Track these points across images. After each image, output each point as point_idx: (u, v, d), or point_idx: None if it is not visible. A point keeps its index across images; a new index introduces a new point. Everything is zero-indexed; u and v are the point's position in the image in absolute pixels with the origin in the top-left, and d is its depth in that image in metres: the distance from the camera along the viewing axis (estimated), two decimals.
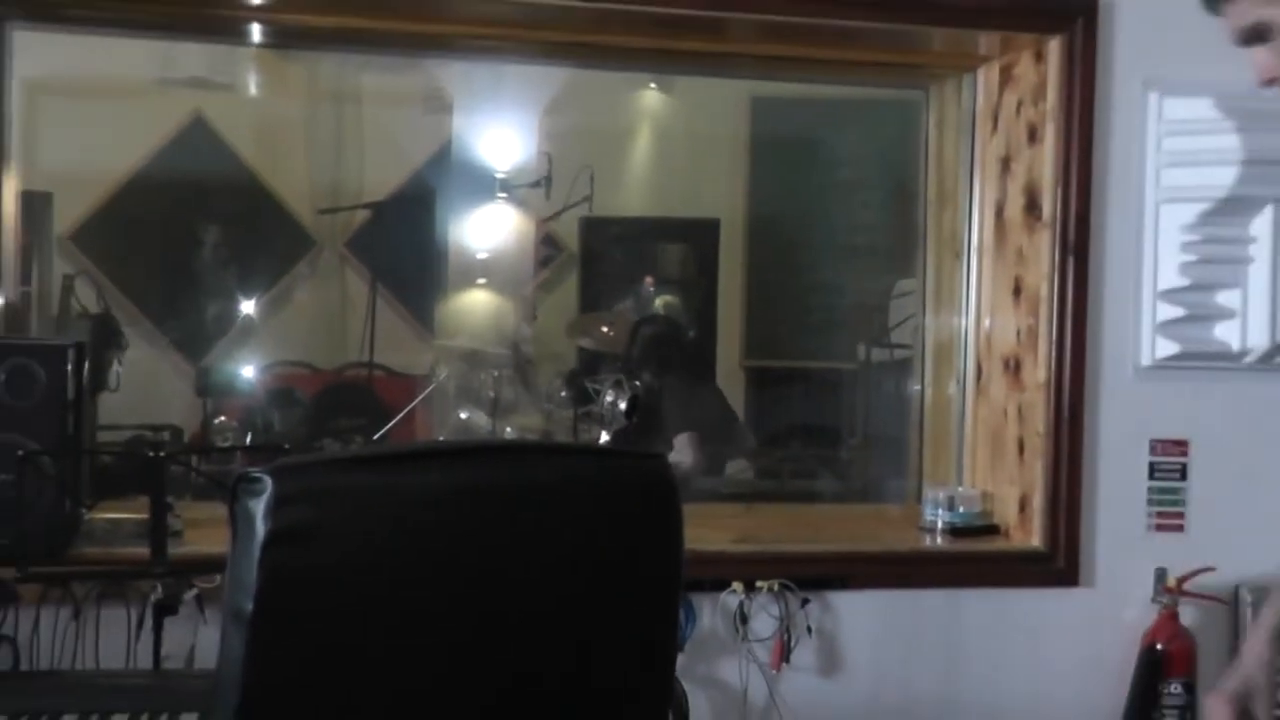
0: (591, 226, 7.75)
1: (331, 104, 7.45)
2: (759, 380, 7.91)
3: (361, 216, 7.51)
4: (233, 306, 7.32)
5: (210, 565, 3.16)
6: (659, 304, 7.47)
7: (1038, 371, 4.01)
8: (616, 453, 3.05)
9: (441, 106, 7.50)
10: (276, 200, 7.51)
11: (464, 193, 7.54)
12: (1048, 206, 3.98)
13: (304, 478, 2.00)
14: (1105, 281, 3.99)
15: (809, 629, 3.83)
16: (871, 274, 7.03)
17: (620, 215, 7.85)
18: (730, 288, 7.98)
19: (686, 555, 2.26)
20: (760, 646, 3.80)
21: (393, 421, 6.20)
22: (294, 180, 7.51)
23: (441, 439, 6.26)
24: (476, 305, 7.65)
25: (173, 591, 3.13)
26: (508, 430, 6.07)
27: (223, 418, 6.17)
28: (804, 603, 3.82)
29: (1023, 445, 4.08)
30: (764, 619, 3.80)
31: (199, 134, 7.33)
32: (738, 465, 6.45)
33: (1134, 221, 3.99)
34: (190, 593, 3.22)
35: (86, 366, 3.52)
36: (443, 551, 2.06)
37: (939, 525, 4.13)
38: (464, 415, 6.33)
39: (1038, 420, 4.00)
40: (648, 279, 7.64)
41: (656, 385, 5.96)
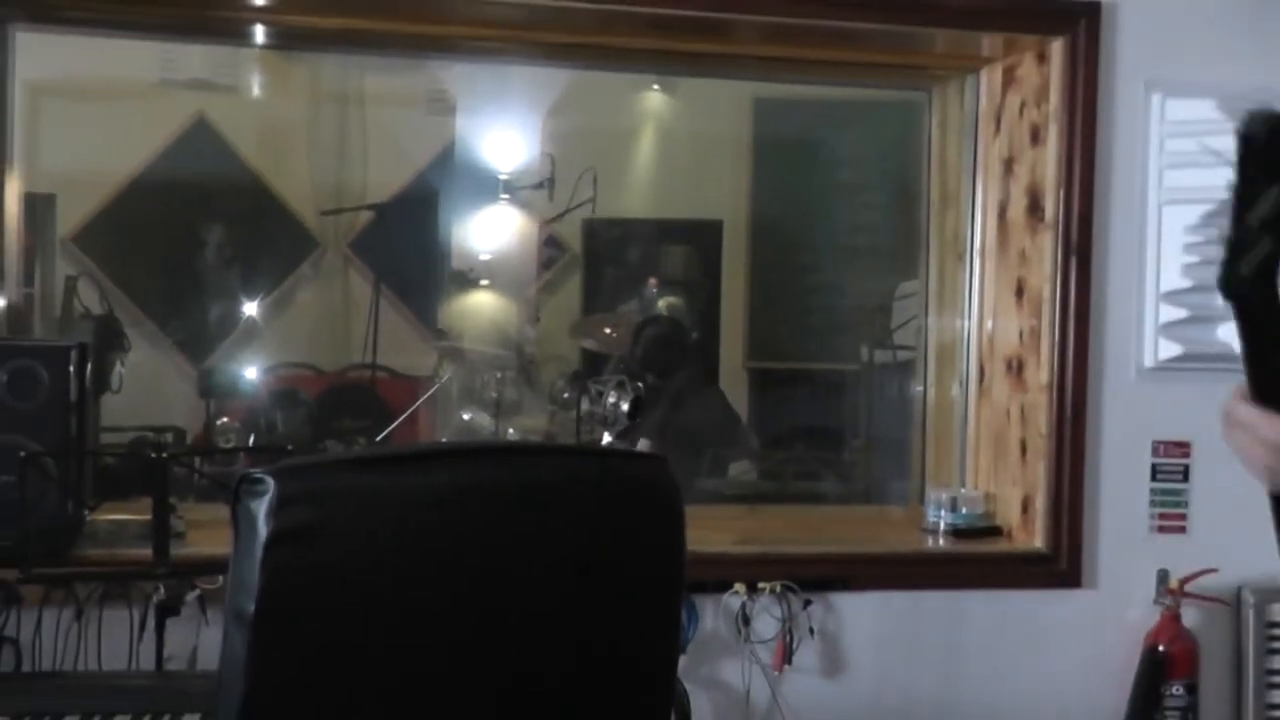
0: (594, 228, 7.75)
1: (334, 105, 7.45)
2: (762, 382, 7.90)
3: (365, 218, 7.50)
4: (236, 308, 7.32)
5: (213, 566, 3.16)
6: (662, 305, 7.46)
7: (1040, 373, 4.01)
8: (618, 453, 3.06)
9: (444, 108, 7.50)
10: (279, 201, 7.51)
11: (467, 194, 7.54)
12: (1050, 208, 3.98)
13: (306, 479, 2.00)
14: (1108, 283, 3.99)
15: (811, 630, 3.83)
16: (874, 275, 7.01)
17: (623, 217, 7.84)
18: (733, 289, 7.98)
19: (688, 556, 2.26)
20: (762, 648, 3.80)
21: (396, 423, 6.20)
22: (297, 181, 7.51)
23: (444, 440, 6.26)
24: (480, 307, 7.64)
25: (175, 592, 3.14)
26: (510, 431, 6.07)
27: (225, 419, 6.16)
28: (806, 604, 3.82)
29: (1025, 446, 4.08)
30: (766, 620, 3.80)
31: (202, 135, 7.33)
32: (740, 467, 6.44)
33: (1136, 223, 3.99)
34: (193, 594, 3.23)
35: (89, 368, 3.52)
36: (445, 552, 2.06)
37: (941, 526, 4.13)
38: (467, 416, 6.33)
39: (1040, 421, 4.00)
40: (651, 281, 7.63)
41: (659, 386, 5.96)
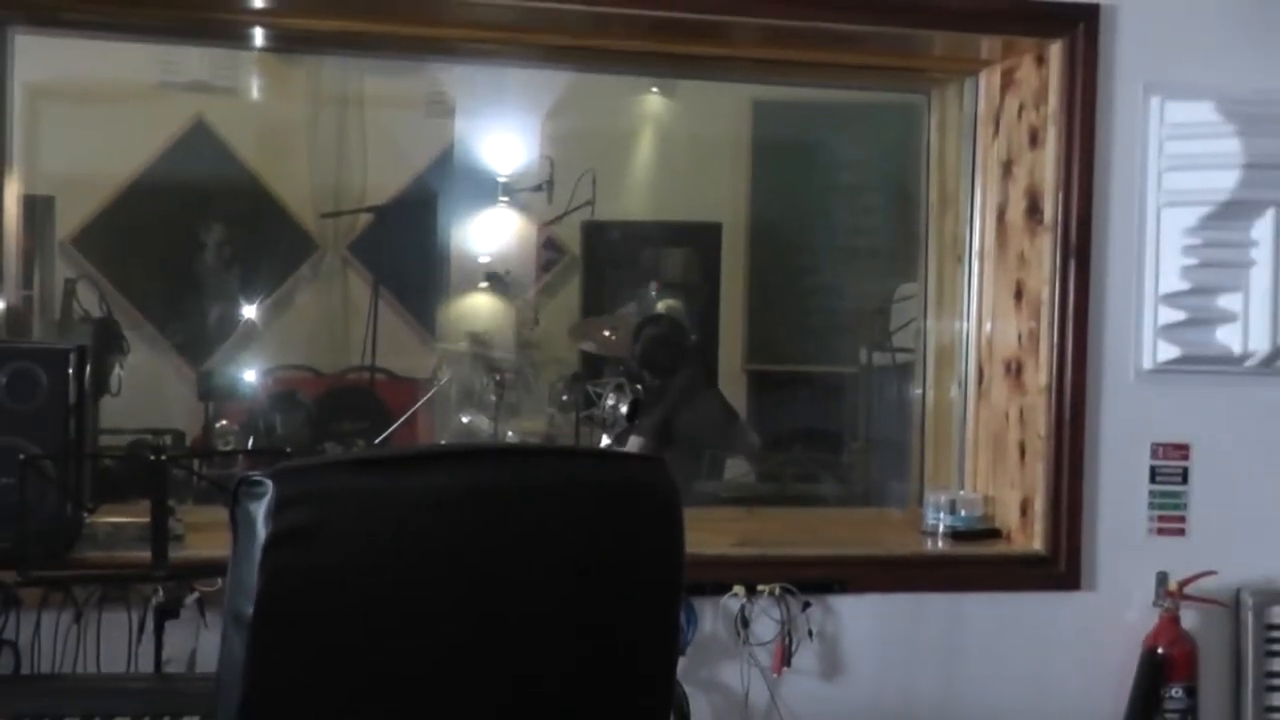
0: (594, 230, 7.75)
1: (333, 108, 7.45)
2: (761, 384, 7.91)
3: (364, 220, 7.51)
4: (235, 310, 7.32)
5: (211, 569, 3.16)
6: (661, 307, 7.46)
7: (1039, 375, 4.01)
8: (617, 455, 3.06)
9: (444, 110, 7.51)
10: (278, 204, 7.51)
11: (466, 196, 7.55)
12: (1049, 210, 3.98)
13: (305, 481, 2.00)
14: (1106, 285, 3.99)
15: (810, 632, 3.83)
16: (873, 278, 7.02)
17: (622, 219, 7.85)
18: (732, 291, 7.98)
19: (687, 558, 2.26)
20: (761, 650, 3.80)
21: (395, 425, 6.20)
22: (296, 184, 7.52)
23: (443, 442, 6.26)
24: (479, 309, 7.64)
25: (174, 595, 3.13)
26: (509, 433, 6.07)
27: (224, 421, 6.16)
28: (805, 606, 3.82)
29: (1024, 449, 4.08)
30: (765, 622, 3.80)
31: (201, 138, 7.33)
32: (738, 466, 6.45)
33: (1135, 225, 3.99)
34: (191, 596, 3.22)
35: (88, 370, 3.52)
36: (444, 554, 2.06)
37: (940, 529, 4.13)
38: (466, 419, 6.34)
39: (1039, 424, 4.00)
40: (653, 284, 7.64)
41: (658, 387, 5.96)
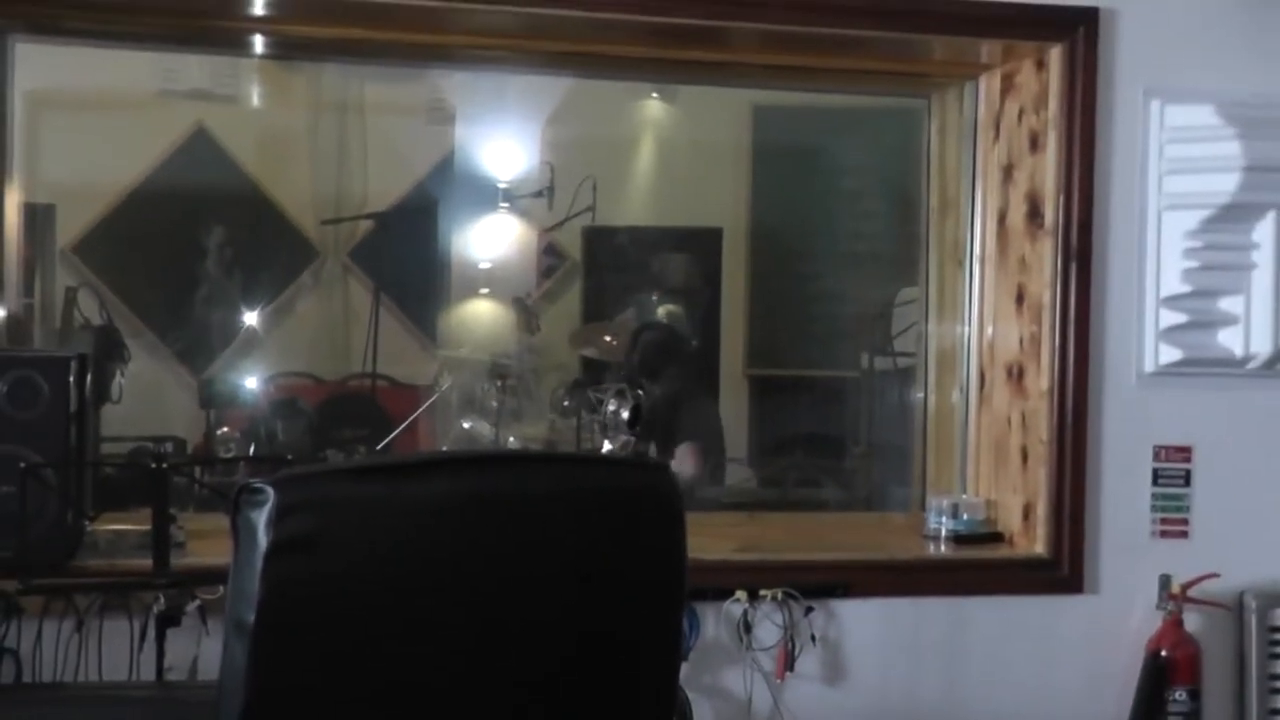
0: (594, 236, 7.75)
1: (334, 115, 7.45)
2: (762, 389, 7.90)
3: (364, 227, 7.50)
4: (236, 317, 7.32)
5: (213, 576, 3.15)
6: (662, 313, 7.46)
7: (1041, 379, 4.00)
8: (619, 461, 3.06)
9: (444, 117, 7.51)
10: (279, 211, 7.51)
11: (467, 203, 7.54)
12: (1050, 214, 3.98)
13: (306, 488, 1.99)
14: (1108, 288, 3.99)
15: (813, 637, 3.82)
16: (874, 282, 7.01)
17: (623, 225, 7.84)
18: (733, 297, 7.98)
19: (690, 564, 2.25)
20: (764, 655, 3.80)
21: (396, 432, 6.21)
22: (297, 191, 7.51)
23: (445, 449, 6.26)
24: (480, 315, 7.64)
25: (175, 603, 3.13)
26: (511, 440, 6.07)
27: (226, 429, 6.15)
28: (808, 611, 3.82)
29: (1026, 453, 4.07)
30: (768, 627, 3.80)
31: (201, 145, 7.33)
32: (739, 472, 6.44)
33: (1136, 228, 3.99)
34: (193, 604, 3.22)
35: (89, 378, 3.53)
36: (445, 562, 2.06)
37: (943, 533, 4.13)
38: (467, 425, 6.33)
39: (1041, 428, 4.00)
40: (655, 294, 7.63)
41: (657, 391, 5.95)
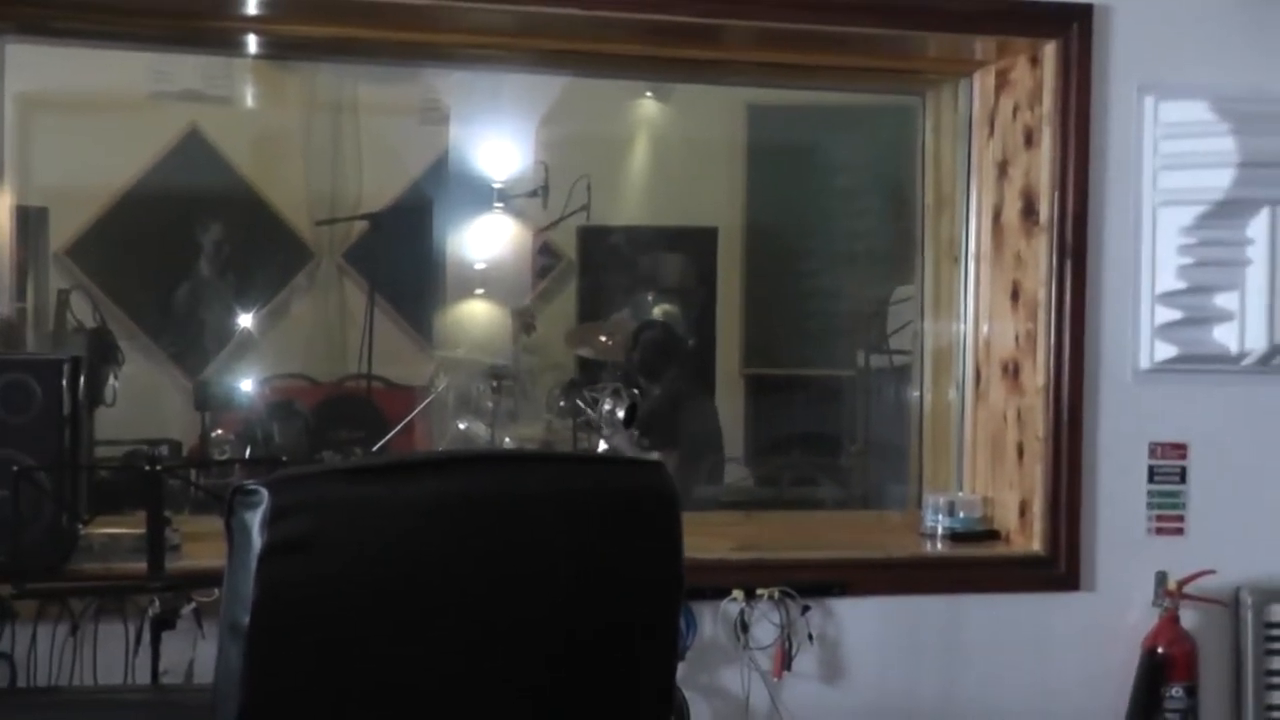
0: (589, 236, 7.74)
1: (328, 115, 7.44)
2: (758, 388, 7.90)
3: (359, 228, 7.49)
4: (230, 319, 7.31)
5: (208, 579, 3.15)
6: (657, 312, 7.46)
7: (1037, 376, 4.00)
8: (615, 460, 3.05)
9: (438, 117, 7.50)
10: (273, 212, 7.50)
11: (461, 203, 7.53)
12: (1045, 210, 3.97)
13: (300, 490, 1.99)
14: (1103, 285, 3.98)
15: (810, 636, 3.82)
16: (870, 280, 7.01)
17: (618, 224, 7.84)
18: (729, 296, 7.97)
19: (686, 563, 2.25)
20: (761, 654, 3.80)
21: (392, 433, 6.20)
22: (291, 192, 7.50)
23: (440, 449, 6.25)
24: (475, 315, 7.64)
25: (171, 606, 3.13)
26: (507, 440, 6.06)
27: (221, 431, 6.14)
28: (805, 610, 3.81)
29: (1022, 450, 4.07)
30: (765, 626, 3.80)
31: (195, 147, 7.31)
32: (736, 471, 6.44)
33: (1131, 225, 3.99)
34: (188, 607, 3.22)
35: (83, 381, 3.51)
36: (441, 562, 2.05)
37: (939, 531, 4.12)
38: (463, 426, 6.32)
39: (1037, 425, 4.00)
40: (650, 289, 7.63)
41: (656, 391, 5.95)
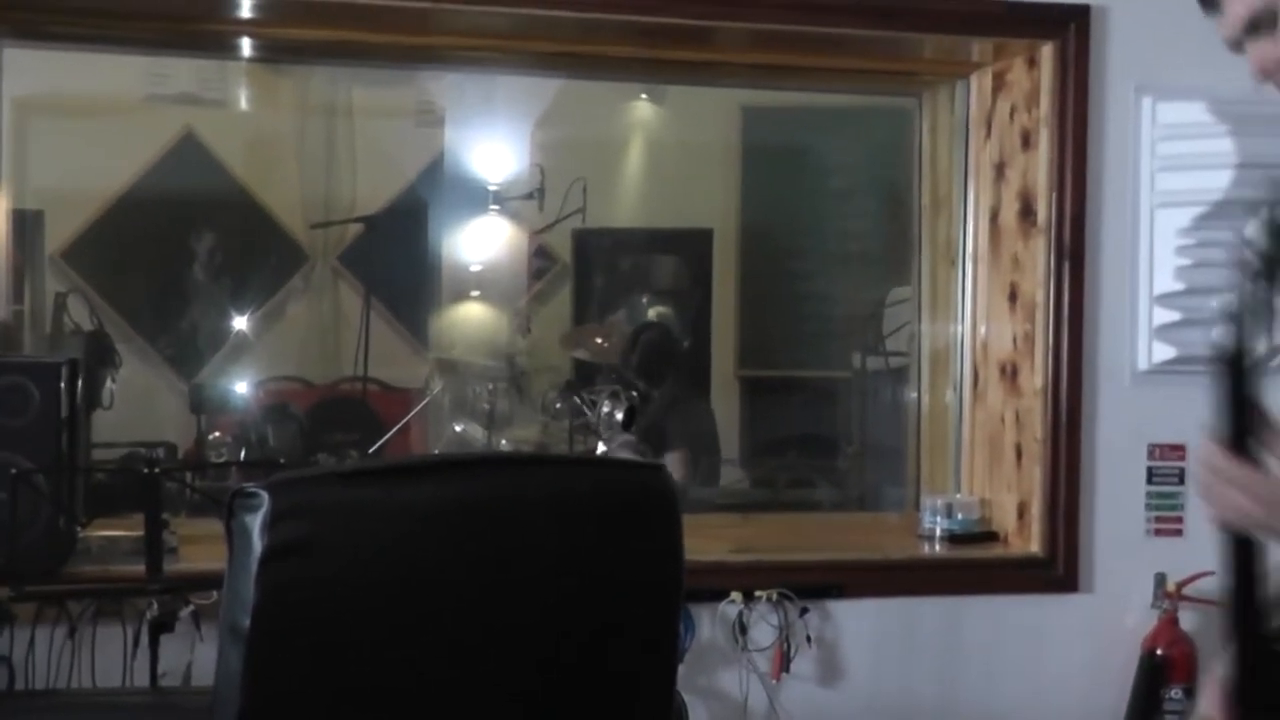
0: (585, 238, 7.73)
1: (323, 118, 7.43)
2: (754, 390, 7.89)
3: (354, 230, 7.47)
4: (226, 322, 7.30)
5: (206, 582, 3.15)
6: (653, 314, 7.45)
7: (1034, 377, 4.00)
8: (614, 463, 3.05)
9: (433, 119, 7.49)
10: (268, 215, 7.49)
11: (456, 206, 7.52)
12: (1042, 212, 3.97)
13: (300, 493, 1.99)
14: (1101, 286, 3.98)
15: (808, 638, 3.82)
16: (866, 282, 7.01)
17: (613, 226, 7.84)
18: (724, 297, 7.96)
19: (685, 564, 2.25)
20: (760, 656, 3.79)
21: (388, 435, 6.19)
22: (286, 195, 7.49)
23: (437, 452, 6.25)
24: (471, 318, 7.63)
25: (169, 609, 3.12)
26: (503, 443, 6.05)
27: (217, 433, 6.14)
28: (803, 612, 3.81)
29: (1020, 451, 4.07)
30: (763, 628, 3.79)
31: (190, 150, 7.31)
32: (732, 473, 6.44)
33: (1129, 226, 3.99)
34: (186, 609, 3.21)
35: (80, 384, 3.51)
36: (440, 565, 2.05)
37: (937, 533, 4.12)
38: (459, 428, 6.32)
39: (1035, 426, 4.00)
40: (646, 296, 7.62)
41: (657, 394, 5.94)
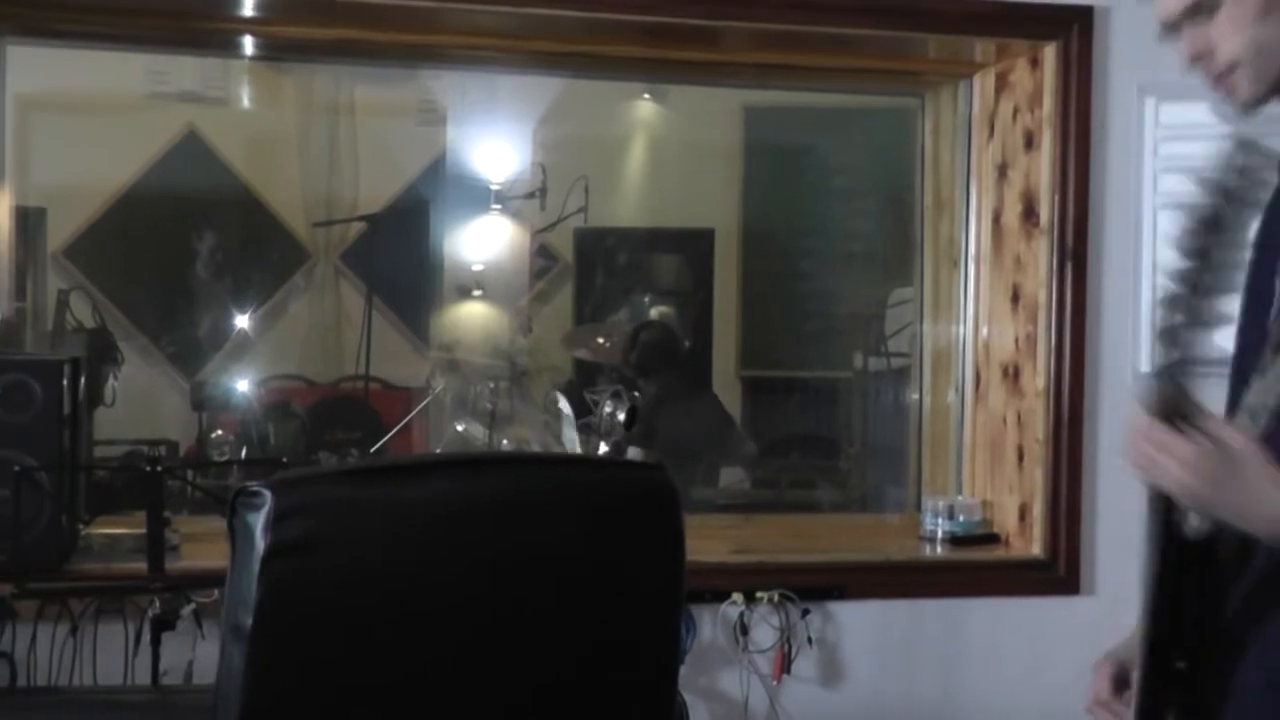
0: (586, 237, 7.75)
1: (325, 116, 7.44)
2: (756, 390, 7.91)
3: (356, 229, 7.50)
4: (227, 320, 7.31)
5: (208, 580, 3.15)
6: (654, 314, 7.46)
7: (1037, 379, 4.00)
8: (615, 463, 3.05)
9: (435, 118, 7.50)
10: (271, 213, 7.50)
11: (458, 204, 7.54)
12: (1045, 213, 3.97)
13: (303, 491, 1.99)
14: (1103, 288, 3.98)
15: (809, 639, 3.82)
16: (868, 282, 7.02)
17: (615, 226, 7.85)
18: (726, 297, 7.98)
19: (686, 565, 2.25)
20: (761, 657, 3.79)
21: (389, 434, 6.20)
22: (288, 193, 7.51)
23: (438, 451, 6.25)
24: (472, 317, 7.64)
25: (171, 607, 3.12)
26: (504, 442, 6.06)
27: (219, 431, 6.14)
28: (804, 613, 3.81)
29: (1022, 453, 4.07)
30: (764, 629, 3.79)
31: (192, 148, 7.32)
32: (734, 474, 6.43)
33: (1132, 227, 3.99)
34: (188, 608, 3.21)
35: (82, 382, 3.51)
36: (443, 564, 2.05)
37: (939, 534, 4.11)
38: (460, 427, 6.32)
39: (1037, 428, 3.99)
40: (648, 296, 7.63)
41: (653, 392, 5.94)
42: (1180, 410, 1.89)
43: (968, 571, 4.04)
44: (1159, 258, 3.98)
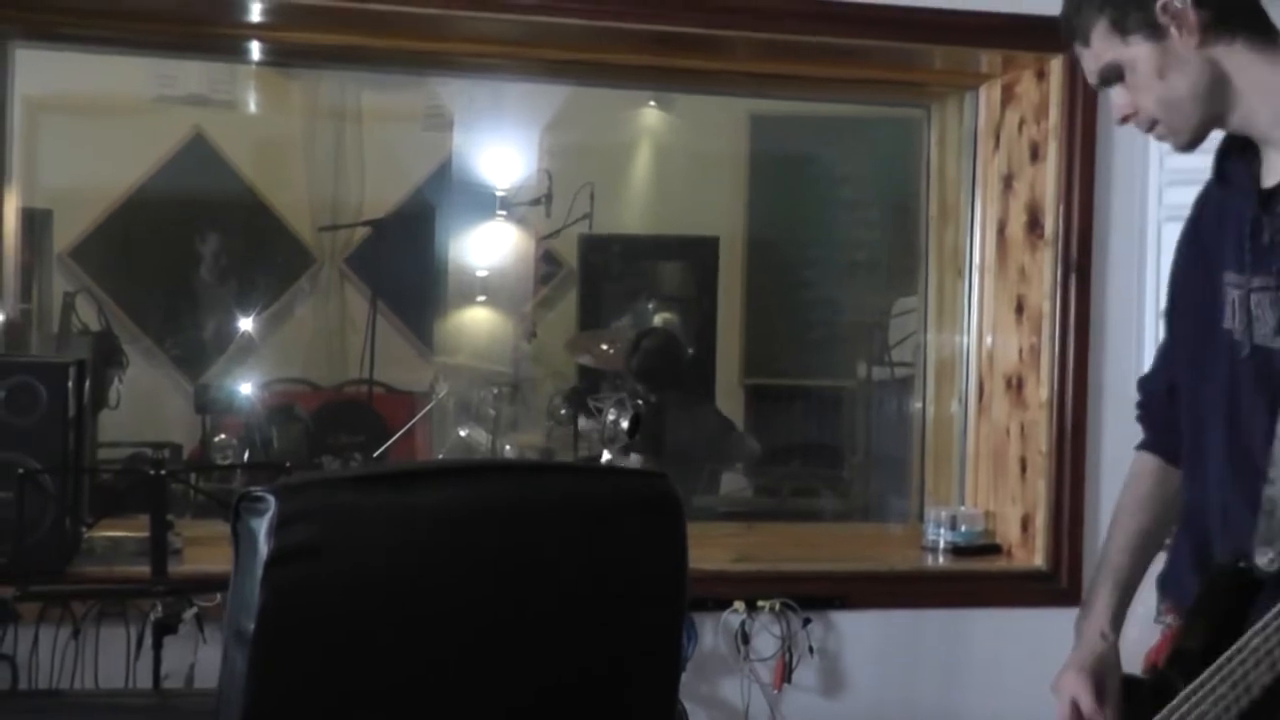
0: (591, 244, 7.74)
1: (332, 121, 7.45)
2: (759, 398, 7.90)
3: (361, 233, 7.50)
4: (232, 323, 7.31)
5: (210, 584, 3.15)
6: (658, 321, 7.46)
7: (1040, 390, 4.00)
8: (620, 471, 3.05)
9: (442, 124, 7.51)
10: (276, 217, 7.51)
11: (464, 210, 7.54)
12: (1050, 224, 3.97)
13: (307, 497, 1.99)
14: (1107, 300, 3.98)
15: (810, 648, 3.82)
16: (872, 292, 7.02)
17: (620, 233, 7.85)
18: (730, 305, 7.97)
19: (688, 573, 2.25)
20: (762, 666, 3.79)
21: (393, 439, 6.20)
22: (294, 197, 7.51)
23: (442, 457, 6.25)
24: (476, 322, 7.64)
25: (173, 610, 3.12)
26: (508, 448, 6.06)
27: (222, 435, 6.15)
28: (805, 622, 3.81)
29: (1025, 464, 4.07)
30: (765, 638, 3.79)
31: (199, 151, 7.33)
32: (735, 481, 6.43)
33: (1136, 240, 3.99)
34: (190, 611, 3.22)
35: (87, 384, 3.52)
36: (445, 570, 2.06)
37: (941, 544, 4.12)
38: (464, 433, 6.33)
39: (1040, 439, 4.00)
40: (652, 303, 7.63)
41: (655, 398, 5.93)
42: None
43: (970, 582, 4.04)
44: (1163, 270, 3.97)
